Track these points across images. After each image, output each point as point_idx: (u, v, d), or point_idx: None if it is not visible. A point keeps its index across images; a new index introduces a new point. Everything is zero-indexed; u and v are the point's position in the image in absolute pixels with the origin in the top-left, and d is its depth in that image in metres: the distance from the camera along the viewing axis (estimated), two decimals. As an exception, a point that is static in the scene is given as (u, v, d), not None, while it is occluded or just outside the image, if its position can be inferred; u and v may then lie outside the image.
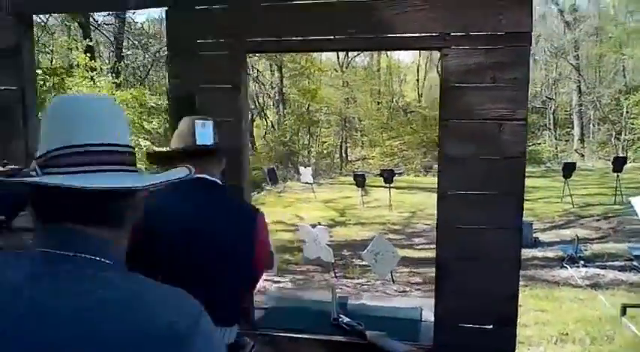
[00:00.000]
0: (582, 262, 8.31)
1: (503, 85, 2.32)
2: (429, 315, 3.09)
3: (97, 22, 20.50)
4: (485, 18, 2.31)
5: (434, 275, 2.59)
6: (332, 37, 2.38)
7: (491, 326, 2.50)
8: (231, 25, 2.58)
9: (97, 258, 0.99)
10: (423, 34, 2.36)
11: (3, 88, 2.94)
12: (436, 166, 2.52)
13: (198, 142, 1.99)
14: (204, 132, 2.00)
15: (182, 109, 2.66)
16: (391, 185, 14.75)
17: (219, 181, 2.06)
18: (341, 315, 2.88)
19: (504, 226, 2.40)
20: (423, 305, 3.30)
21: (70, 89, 13.29)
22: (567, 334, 5.47)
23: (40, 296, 0.93)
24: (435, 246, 2.59)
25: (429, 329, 2.81)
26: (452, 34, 2.32)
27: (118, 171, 1.03)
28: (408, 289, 6.74)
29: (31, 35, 3.12)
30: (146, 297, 0.97)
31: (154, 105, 16.42)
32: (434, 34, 2.35)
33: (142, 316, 0.93)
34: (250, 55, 2.62)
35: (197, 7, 2.62)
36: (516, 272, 2.46)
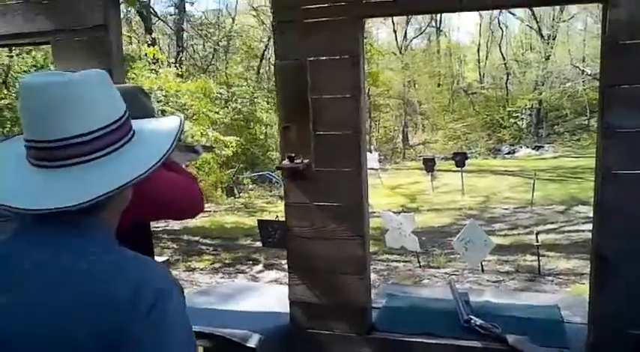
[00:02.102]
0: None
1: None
2: (566, 314, 2.71)
3: (157, 13, 20.69)
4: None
5: (522, 263, 2.21)
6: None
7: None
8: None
9: (81, 235, 1.00)
10: (586, -17, 1.96)
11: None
12: (504, 148, 2.10)
13: None
14: None
15: (291, 84, 2.36)
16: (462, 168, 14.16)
17: None
18: (472, 316, 2.52)
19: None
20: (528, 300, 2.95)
21: (134, 79, 13.31)
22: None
23: (27, 266, 0.96)
24: (517, 230, 2.22)
25: (576, 333, 2.44)
26: (623, -21, 1.91)
27: (76, 165, 1.01)
28: (501, 278, 6.29)
29: (119, 14, 2.88)
30: (117, 268, 0.98)
31: (218, 95, 16.37)
32: (599, -18, 1.95)
33: (107, 285, 0.94)
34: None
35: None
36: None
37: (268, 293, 3.45)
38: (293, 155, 2.34)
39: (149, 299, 0.93)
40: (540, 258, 6.62)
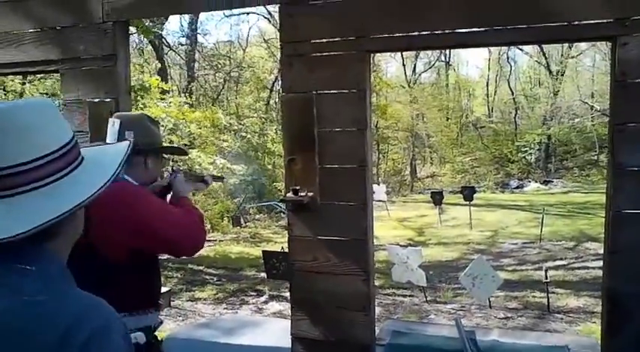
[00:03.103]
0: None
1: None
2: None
3: (169, 43, 20.98)
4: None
5: (531, 299, 2.15)
6: (483, 29, 2.01)
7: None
8: (352, 20, 2.25)
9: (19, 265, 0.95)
10: (595, 21, 1.95)
11: (97, 99, 2.73)
12: (512, 183, 2.06)
13: (107, 141, 2.01)
14: (112, 131, 2.02)
15: (297, 117, 2.36)
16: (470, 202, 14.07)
17: (126, 179, 1.93)
18: (479, 356, 2.46)
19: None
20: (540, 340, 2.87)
21: (145, 107, 13.42)
22: None
23: None
24: (525, 266, 2.16)
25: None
26: (632, 18, 1.90)
27: (20, 194, 0.97)
28: (509, 315, 6.18)
29: (127, 44, 2.90)
30: (50, 308, 0.92)
31: (226, 124, 16.47)
32: (609, 21, 1.94)
33: (36, 328, 0.89)
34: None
35: (312, 2, 2.32)
36: None
37: (271, 328, 3.39)
38: (298, 188, 2.32)
39: (81, 340, 0.89)
40: (549, 294, 6.50)
